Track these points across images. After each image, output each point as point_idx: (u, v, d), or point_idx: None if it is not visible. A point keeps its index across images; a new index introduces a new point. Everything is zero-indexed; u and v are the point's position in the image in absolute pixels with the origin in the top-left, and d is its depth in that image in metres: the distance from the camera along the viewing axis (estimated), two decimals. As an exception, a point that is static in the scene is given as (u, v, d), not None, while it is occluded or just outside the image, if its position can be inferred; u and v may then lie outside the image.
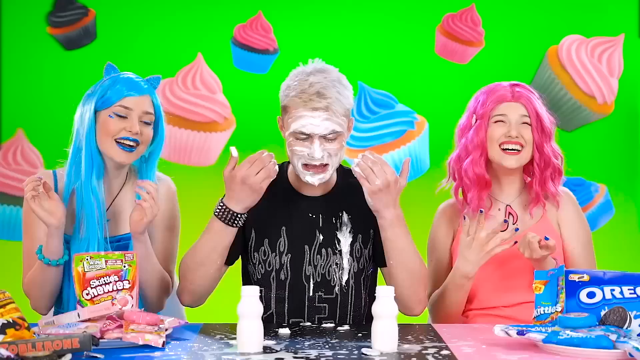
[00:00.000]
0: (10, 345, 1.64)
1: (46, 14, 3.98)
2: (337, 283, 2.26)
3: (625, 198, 3.97)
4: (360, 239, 2.28)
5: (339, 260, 2.26)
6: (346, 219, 2.27)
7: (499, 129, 2.36)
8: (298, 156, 2.19)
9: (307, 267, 2.25)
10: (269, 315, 2.27)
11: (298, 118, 2.15)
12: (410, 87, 3.99)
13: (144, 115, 2.25)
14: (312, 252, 2.26)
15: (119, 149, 2.22)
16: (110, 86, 2.24)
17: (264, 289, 2.27)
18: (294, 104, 2.16)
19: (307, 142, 2.17)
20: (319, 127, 2.15)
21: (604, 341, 1.74)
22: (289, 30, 4.00)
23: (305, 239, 2.26)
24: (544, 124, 2.36)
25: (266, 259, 2.26)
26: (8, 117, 3.95)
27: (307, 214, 2.27)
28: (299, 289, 2.25)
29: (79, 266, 2.05)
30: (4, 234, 3.92)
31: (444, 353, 1.80)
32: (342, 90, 2.18)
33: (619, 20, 3.98)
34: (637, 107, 3.99)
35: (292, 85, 2.18)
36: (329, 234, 2.26)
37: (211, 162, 3.95)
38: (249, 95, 3.97)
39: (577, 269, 2.03)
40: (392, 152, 3.93)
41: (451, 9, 4.01)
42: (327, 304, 2.26)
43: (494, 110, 2.37)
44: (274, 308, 2.27)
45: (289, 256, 2.25)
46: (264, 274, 2.27)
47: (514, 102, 2.37)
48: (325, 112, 2.14)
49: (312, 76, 2.17)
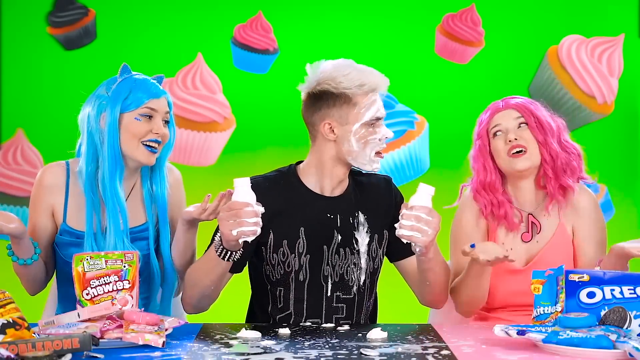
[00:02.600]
0: (10, 345, 1.64)
1: (46, 14, 3.98)
2: (355, 283, 2.27)
3: (625, 198, 3.97)
4: (376, 239, 2.29)
5: (357, 260, 2.26)
6: (362, 218, 2.28)
7: (499, 141, 2.35)
8: (372, 144, 2.22)
9: (325, 267, 2.25)
10: (287, 315, 2.27)
11: (372, 104, 2.21)
12: (410, 87, 3.99)
13: (165, 115, 2.29)
14: (330, 252, 2.26)
15: (146, 150, 2.25)
16: (131, 89, 2.25)
17: (283, 289, 2.27)
18: (364, 92, 2.20)
19: (376, 127, 2.22)
20: (383, 108, 2.26)
21: (604, 341, 1.74)
22: (289, 30, 4.00)
23: (324, 239, 2.25)
24: (541, 121, 2.35)
25: (285, 260, 2.25)
26: (8, 117, 3.95)
27: (326, 214, 2.26)
28: (317, 290, 2.25)
29: (79, 266, 2.05)
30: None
31: (444, 353, 1.80)
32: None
33: (619, 20, 3.99)
34: (637, 107, 3.99)
35: (349, 78, 2.19)
36: (347, 233, 2.26)
37: (211, 162, 3.96)
38: (249, 95, 3.97)
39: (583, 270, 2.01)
40: (392, 152, 3.93)
41: (451, 9, 4.01)
42: (344, 304, 2.26)
43: (489, 123, 2.38)
44: (292, 308, 2.27)
45: (307, 257, 2.25)
46: (282, 274, 2.26)
47: (504, 110, 2.37)
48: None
49: (349, 67, 2.22)
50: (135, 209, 2.33)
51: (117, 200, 2.24)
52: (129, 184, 2.33)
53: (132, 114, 2.24)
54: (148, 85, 2.27)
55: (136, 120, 2.24)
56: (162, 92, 2.29)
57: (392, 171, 3.93)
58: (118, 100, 2.24)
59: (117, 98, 2.24)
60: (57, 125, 3.85)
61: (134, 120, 2.24)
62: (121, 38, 3.96)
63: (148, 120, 2.25)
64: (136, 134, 2.24)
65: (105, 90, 2.27)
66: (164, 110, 2.28)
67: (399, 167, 3.96)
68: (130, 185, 2.34)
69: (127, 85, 2.26)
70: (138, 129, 2.24)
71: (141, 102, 2.24)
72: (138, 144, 2.24)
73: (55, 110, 3.88)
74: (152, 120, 2.25)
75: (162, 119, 2.27)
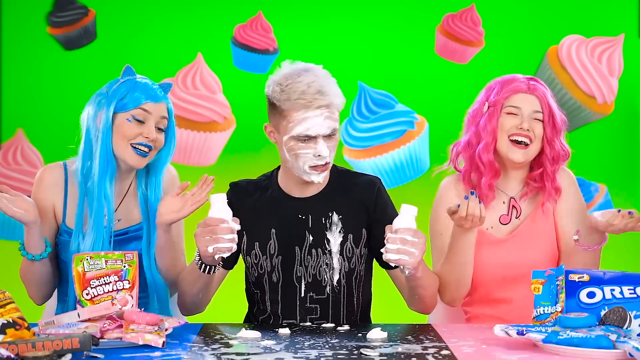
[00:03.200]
0: (10, 345, 1.64)
1: (46, 14, 3.98)
2: (328, 283, 2.26)
3: (625, 198, 3.97)
4: (351, 239, 2.27)
5: (329, 260, 2.26)
6: (336, 218, 2.27)
7: (510, 120, 2.34)
8: (304, 159, 2.16)
9: (297, 268, 2.26)
10: (267, 317, 2.28)
11: (302, 121, 2.13)
12: (410, 87, 3.99)
13: (160, 121, 2.27)
14: (302, 253, 2.26)
15: (134, 153, 2.24)
16: (129, 90, 2.24)
17: (259, 292, 2.29)
18: (294, 107, 2.13)
19: (311, 142, 2.15)
20: (322, 127, 2.13)
21: (603, 341, 1.74)
22: (289, 30, 4.00)
23: (296, 240, 2.26)
24: (555, 119, 2.35)
25: (258, 262, 2.27)
26: (8, 117, 3.95)
27: (297, 216, 2.26)
28: (291, 290, 2.26)
29: (78, 266, 2.05)
30: (4, 234, 3.92)
31: (444, 353, 1.80)
32: (335, 85, 2.17)
33: (619, 20, 3.98)
34: (637, 107, 3.99)
35: (286, 89, 2.14)
36: (319, 234, 2.26)
37: (211, 162, 3.96)
38: (249, 95, 3.97)
39: (577, 269, 2.02)
40: (392, 152, 3.93)
41: (451, 9, 4.01)
42: (318, 305, 2.26)
43: (508, 100, 2.35)
44: (269, 309, 2.28)
45: (279, 258, 2.26)
46: (257, 276, 2.28)
47: (529, 95, 2.35)
48: (327, 109, 2.13)
49: (303, 76, 2.14)
50: (130, 209, 2.33)
51: (105, 199, 2.23)
52: (125, 184, 2.33)
53: (125, 114, 2.23)
54: (147, 88, 2.26)
55: (127, 122, 2.23)
56: (161, 98, 2.27)
57: (392, 171, 3.93)
58: (114, 100, 2.23)
59: (114, 98, 2.24)
60: (57, 125, 3.85)
61: (126, 121, 2.23)
62: (121, 38, 3.96)
63: (140, 123, 2.23)
64: (126, 135, 2.23)
65: (107, 89, 2.27)
66: (160, 115, 2.26)
67: (399, 167, 3.96)
68: (127, 185, 2.34)
69: (126, 86, 2.25)
70: (128, 131, 2.23)
71: (136, 104, 2.23)
72: (127, 145, 2.23)
73: (55, 110, 3.87)
74: (144, 124, 2.24)
75: (155, 124, 2.25)
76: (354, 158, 3.91)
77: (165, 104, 2.29)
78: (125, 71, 2.30)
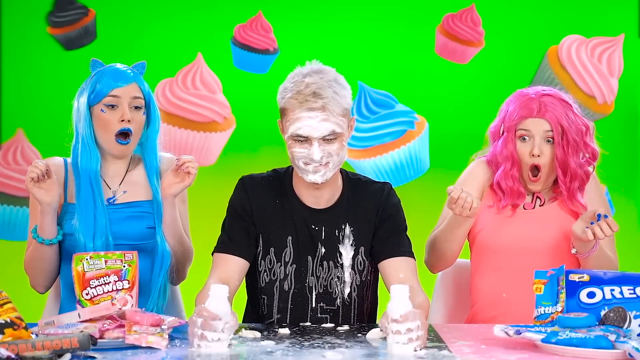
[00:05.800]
0: (10, 345, 1.64)
1: (46, 14, 3.98)
2: (339, 296, 2.25)
3: (625, 198, 3.97)
4: (362, 252, 2.25)
5: (340, 274, 2.24)
6: (348, 231, 2.25)
7: (524, 148, 2.36)
8: (298, 157, 2.15)
9: (310, 278, 2.25)
10: (271, 323, 2.25)
11: (295, 120, 2.12)
12: (410, 87, 3.99)
13: (133, 101, 2.28)
14: (315, 264, 2.25)
15: (116, 143, 2.28)
16: (98, 80, 2.28)
17: (267, 297, 2.27)
18: (291, 106, 2.13)
19: (306, 144, 2.13)
20: (317, 129, 2.11)
21: (603, 341, 1.74)
22: (289, 30, 4.00)
23: (309, 250, 2.24)
24: (569, 137, 2.34)
25: (272, 268, 2.25)
26: (8, 117, 3.95)
27: (311, 226, 2.25)
28: (302, 300, 2.25)
29: (78, 266, 2.05)
30: (4, 234, 3.92)
31: (444, 353, 1.80)
32: (339, 90, 2.13)
33: (619, 20, 3.98)
34: (637, 107, 3.99)
35: (288, 87, 2.15)
36: (331, 246, 2.24)
37: (211, 162, 3.96)
38: (249, 95, 3.97)
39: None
40: (392, 152, 3.93)
41: (451, 9, 4.00)
42: (329, 315, 2.25)
43: (519, 124, 2.37)
44: (276, 316, 2.26)
45: (293, 266, 2.24)
46: (268, 282, 2.26)
47: (538, 119, 2.35)
48: (323, 112, 2.10)
49: (308, 77, 2.13)
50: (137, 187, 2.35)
51: (97, 197, 2.25)
52: (122, 166, 2.35)
53: (98, 106, 2.27)
54: (114, 74, 2.29)
55: (102, 113, 2.27)
56: (131, 79, 2.29)
57: (392, 171, 3.93)
58: (86, 94, 2.28)
59: (86, 92, 2.28)
60: (57, 125, 3.80)
61: (100, 112, 2.27)
62: (121, 38, 3.96)
63: (112, 109, 2.27)
64: (105, 126, 2.27)
65: (84, 85, 2.32)
66: (130, 96, 2.28)
67: (399, 167, 3.96)
68: (124, 168, 2.35)
69: (96, 78, 2.30)
70: (105, 121, 2.27)
71: (105, 93, 2.26)
72: (110, 137, 2.27)
73: (55, 110, 3.86)
74: (117, 108, 2.27)
75: (128, 104, 2.27)
76: (354, 158, 3.91)
77: (136, 84, 2.31)
78: (92, 65, 2.34)
